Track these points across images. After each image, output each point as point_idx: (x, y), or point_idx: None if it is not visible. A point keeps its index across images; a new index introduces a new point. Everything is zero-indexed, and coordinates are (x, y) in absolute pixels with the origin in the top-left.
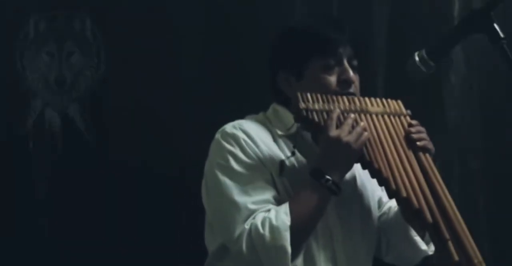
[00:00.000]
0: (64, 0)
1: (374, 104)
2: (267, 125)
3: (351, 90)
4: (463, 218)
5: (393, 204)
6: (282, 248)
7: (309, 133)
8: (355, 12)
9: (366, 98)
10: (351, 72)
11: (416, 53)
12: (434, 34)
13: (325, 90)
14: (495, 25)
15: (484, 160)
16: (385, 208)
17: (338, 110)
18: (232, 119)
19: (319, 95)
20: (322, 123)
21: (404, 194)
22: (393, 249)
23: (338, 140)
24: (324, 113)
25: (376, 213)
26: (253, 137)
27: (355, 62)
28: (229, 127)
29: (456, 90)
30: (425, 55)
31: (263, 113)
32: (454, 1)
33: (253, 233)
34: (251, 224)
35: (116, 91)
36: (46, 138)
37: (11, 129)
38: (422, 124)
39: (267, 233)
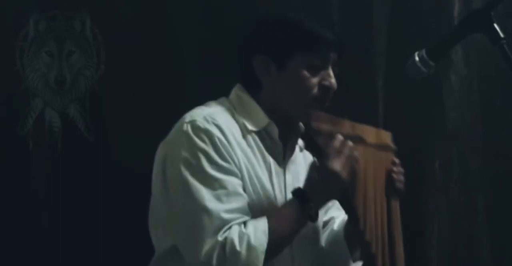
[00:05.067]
0: (64, 0)
1: (370, 135)
2: (234, 116)
3: (329, 98)
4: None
5: (335, 213)
6: None
7: (276, 130)
8: (356, 12)
9: (365, 126)
10: (333, 79)
11: (416, 53)
12: (434, 34)
13: (305, 90)
14: (495, 25)
15: (484, 160)
16: (328, 215)
17: (341, 138)
18: None
19: (328, 116)
20: (324, 148)
21: (368, 237)
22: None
23: (335, 174)
24: (328, 138)
25: (322, 216)
26: (227, 135)
27: (336, 69)
28: (200, 119)
29: (456, 90)
30: (425, 55)
31: (226, 99)
32: (454, 1)
33: (228, 248)
34: (226, 238)
35: (116, 91)
36: (46, 138)
37: (11, 129)
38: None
39: (243, 251)
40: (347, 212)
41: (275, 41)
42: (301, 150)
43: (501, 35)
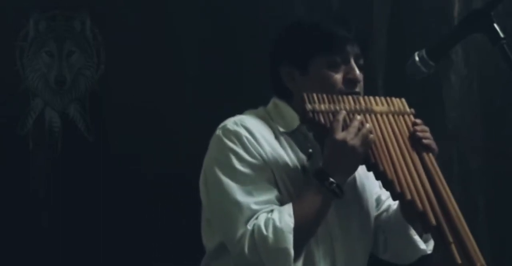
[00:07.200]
0: (64, 0)
1: (379, 104)
2: (268, 121)
3: (357, 89)
4: (463, 217)
5: (391, 202)
6: (285, 251)
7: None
8: (356, 12)
9: (371, 97)
10: (357, 71)
11: (416, 53)
12: (434, 34)
13: (330, 88)
14: (495, 25)
15: (484, 159)
16: (384, 206)
17: (344, 112)
18: None
19: (324, 96)
20: (328, 125)
21: (409, 197)
22: (391, 247)
23: (344, 143)
24: (330, 115)
25: (373, 211)
26: (255, 134)
27: (361, 61)
28: (230, 123)
29: (456, 90)
30: (425, 55)
31: (263, 108)
32: (454, 1)
33: (256, 234)
34: (254, 225)
35: (116, 91)
36: (46, 138)
37: (11, 129)
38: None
39: (270, 234)
40: (377, 178)
41: (292, 49)
42: None
43: (501, 35)
